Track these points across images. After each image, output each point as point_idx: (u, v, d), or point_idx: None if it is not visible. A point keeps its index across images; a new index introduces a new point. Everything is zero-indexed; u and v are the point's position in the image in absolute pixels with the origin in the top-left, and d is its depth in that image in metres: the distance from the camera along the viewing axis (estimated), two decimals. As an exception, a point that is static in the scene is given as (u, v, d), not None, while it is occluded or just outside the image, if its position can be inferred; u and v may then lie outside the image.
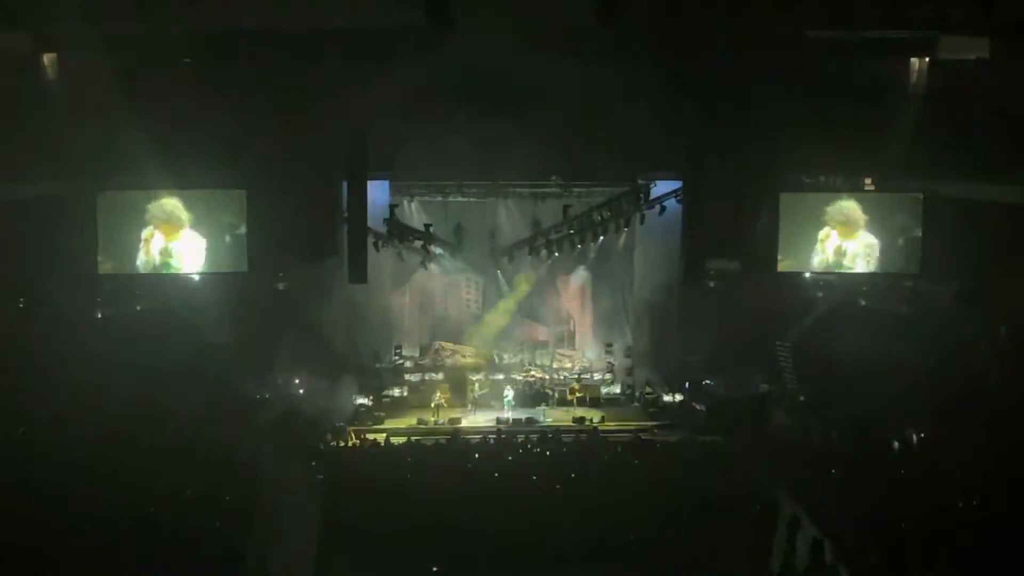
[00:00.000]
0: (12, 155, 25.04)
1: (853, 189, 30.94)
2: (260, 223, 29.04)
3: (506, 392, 31.34)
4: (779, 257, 30.11)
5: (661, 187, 31.55)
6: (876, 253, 29.96)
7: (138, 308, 30.22)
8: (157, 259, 29.21)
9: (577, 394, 31.74)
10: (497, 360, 34.27)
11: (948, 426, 22.37)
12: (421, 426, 29.40)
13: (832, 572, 18.43)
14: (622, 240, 33.82)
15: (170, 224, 29.15)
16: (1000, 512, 17.99)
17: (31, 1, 23.27)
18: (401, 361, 33.56)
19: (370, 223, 29.40)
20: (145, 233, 29.07)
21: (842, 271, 30.46)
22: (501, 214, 33.99)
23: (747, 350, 30.68)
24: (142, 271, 29.24)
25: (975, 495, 18.85)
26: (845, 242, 30.01)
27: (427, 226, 32.44)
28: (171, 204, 29.10)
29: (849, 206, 29.99)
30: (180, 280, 29.90)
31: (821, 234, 30.03)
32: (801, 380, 30.32)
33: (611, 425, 29.34)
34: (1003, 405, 22.38)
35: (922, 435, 22.67)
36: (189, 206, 29.19)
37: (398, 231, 31.61)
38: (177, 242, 29.21)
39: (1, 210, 25.66)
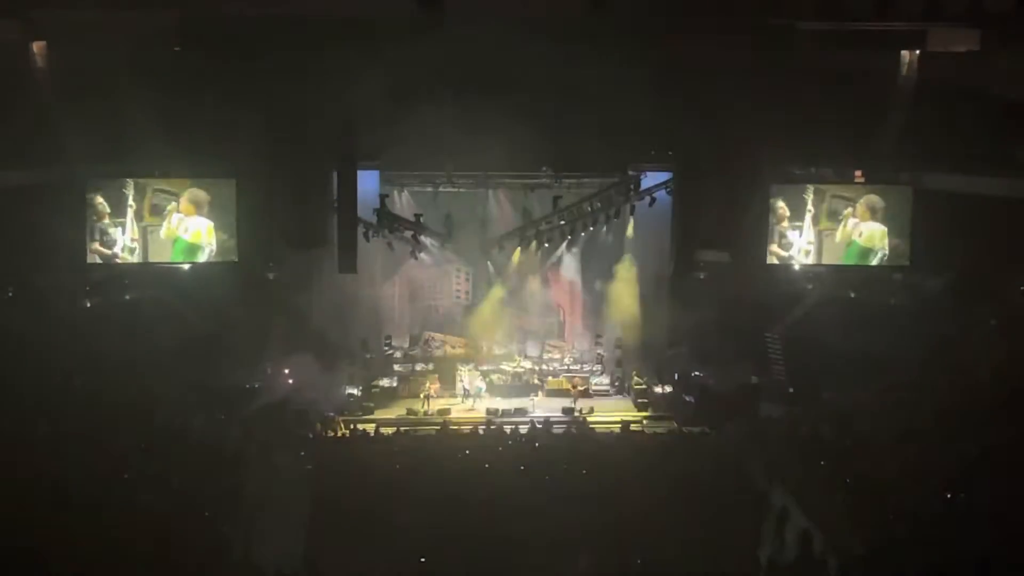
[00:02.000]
0: (1, 143, 25.01)
1: (843, 181, 30.96)
2: (250, 212, 29.01)
3: (478, 384, 31.34)
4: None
5: (651, 178, 31.51)
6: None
7: (127, 297, 30.15)
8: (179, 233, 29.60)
9: (579, 387, 31.54)
10: (487, 351, 34.22)
11: (937, 418, 22.41)
12: (411, 416, 29.38)
13: (820, 563, 18.51)
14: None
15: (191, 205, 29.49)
16: (988, 504, 18.05)
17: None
18: (391, 351, 33.49)
19: (360, 213, 29.36)
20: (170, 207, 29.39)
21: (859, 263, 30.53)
22: (491, 205, 33.90)
23: (736, 341, 30.70)
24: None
25: (963, 487, 18.92)
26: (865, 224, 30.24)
27: (417, 216, 32.33)
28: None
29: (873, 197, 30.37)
30: (169, 269, 29.86)
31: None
32: (790, 371, 30.37)
33: (600, 416, 29.35)
34: (993, 397, 22.43)
35: (911, 427, 22.71)
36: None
37: (388, 221, 31.51)
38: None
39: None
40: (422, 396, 30.47)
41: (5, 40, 25.63)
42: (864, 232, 30.42)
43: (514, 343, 34.59)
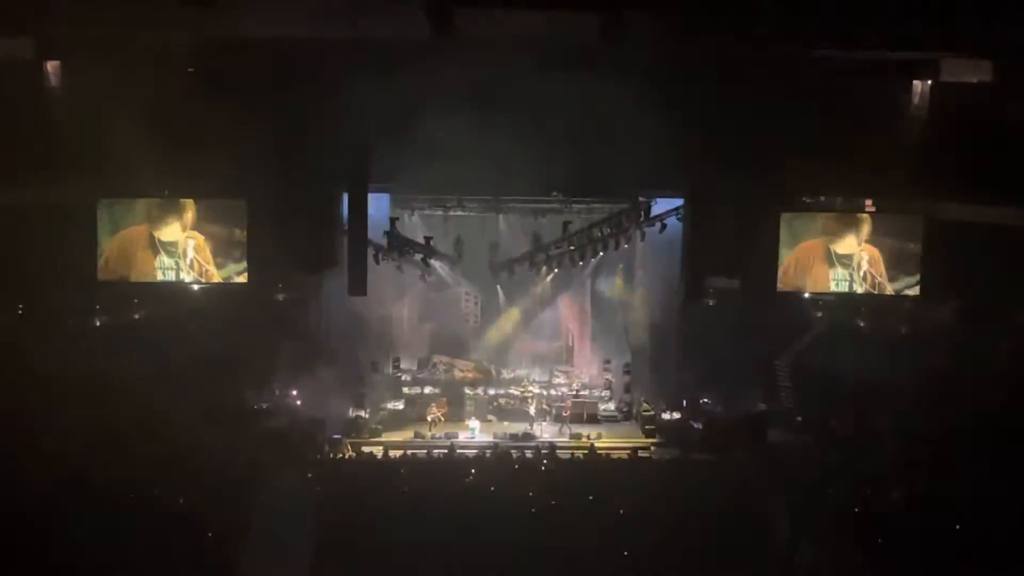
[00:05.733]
0: (13, 160, 25.08)
1: (854, 209, 30.93)
2: (260, 233, 29.01)
3: (471, 423, 30.71)
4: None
5: (662, 204, 31.50)
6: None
7: (137, 316, 30.19)
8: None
9: (569, 411, 31.36)
10: (495, 375, 34.17)
11: (948, 448, 22.35)
12: (418, 440, 29.30)
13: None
14: (620, 263, 33.71)
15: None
16: (1000, 535, 17.99)
17: (35, 7, 23.21)
18: (399, 374, 33.48)
19: (370, 235, 29.35)
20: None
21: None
22: (501, 229, 33.94)
23: (745, 369, 30.63)
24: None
25: (974, 518, 18.85)
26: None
27: (427, 239, 32.36)
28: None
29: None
30: (179, 288, 29.82)
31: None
32: (798, 399, 30.30)
33: (608, 442, 29.24)
34: (1004, 427, 22.37)
35: (920, 456, 22.65)
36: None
37: (398, 244, 31.54)
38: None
39: (1, 215, 25.69)
40: (430, 419, 30.35)
41: (19, 58, 25.71)
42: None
43: (522, 368, 34.57)
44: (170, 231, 29.18)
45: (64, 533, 17.94)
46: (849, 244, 29.83)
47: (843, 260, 29.90)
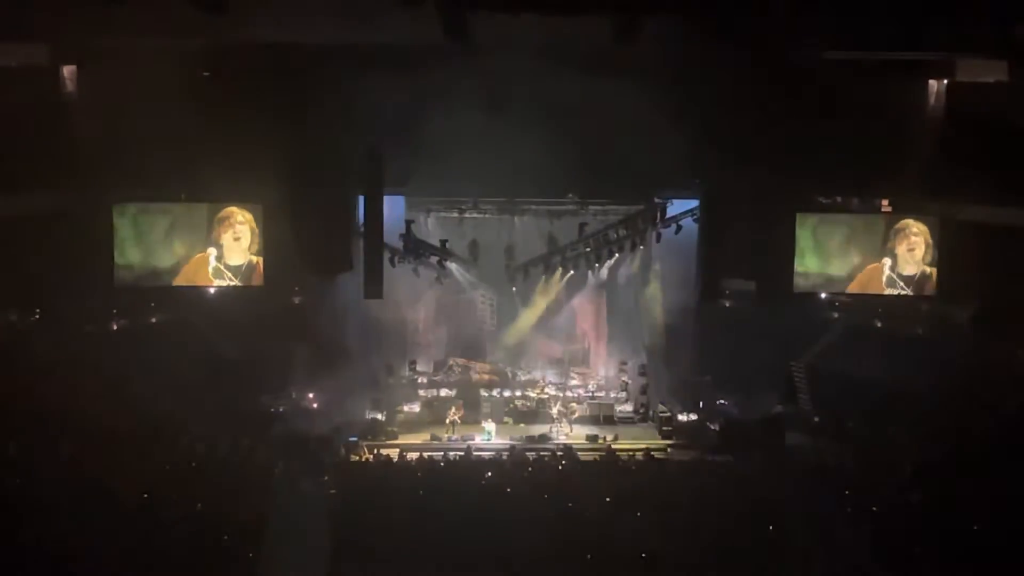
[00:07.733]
0: (30, 166, 25.19)
1: (869, 211, 30.87)
2: (276, 237, 29.12)
3: (487, 425, 30.56)
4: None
5: (677, 206, 31.50)
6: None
7: (153, 320, 30.32)
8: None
9: (574, 415, 31.36)
10: (511, 377, 34.14)
11: (964, 450, 22.29)
12: (435, 442, 29.32)
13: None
14: (635, 264, 33.75)
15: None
16: (1017, 539, 17.94)
17: (52, 13, 23.32)
18: (415, 377, 33.49)
19: (386, 238, 29.38)
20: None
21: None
22: (517, 231, 33.91)
23: (761, 370, 30.58)
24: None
25: (991, 520, 18.80)
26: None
27: (443, 242, 32.39)
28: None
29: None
30: (195, 293, 29.96)
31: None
32: (815, 401, 30.24)
33: (624, 444, 29.20)
34: (1020, 428, 22.30)
35: (937, 458, 22.59)
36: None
37: (414, 247, 31.59)
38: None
39: (18, 221, 25.81)
40: (447, 422, 30.34)
41: (35, 64, 25.84)
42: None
43: (538, 369, 34.55)
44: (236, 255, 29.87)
45: (81, 535, 18.01)
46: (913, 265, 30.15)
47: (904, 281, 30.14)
